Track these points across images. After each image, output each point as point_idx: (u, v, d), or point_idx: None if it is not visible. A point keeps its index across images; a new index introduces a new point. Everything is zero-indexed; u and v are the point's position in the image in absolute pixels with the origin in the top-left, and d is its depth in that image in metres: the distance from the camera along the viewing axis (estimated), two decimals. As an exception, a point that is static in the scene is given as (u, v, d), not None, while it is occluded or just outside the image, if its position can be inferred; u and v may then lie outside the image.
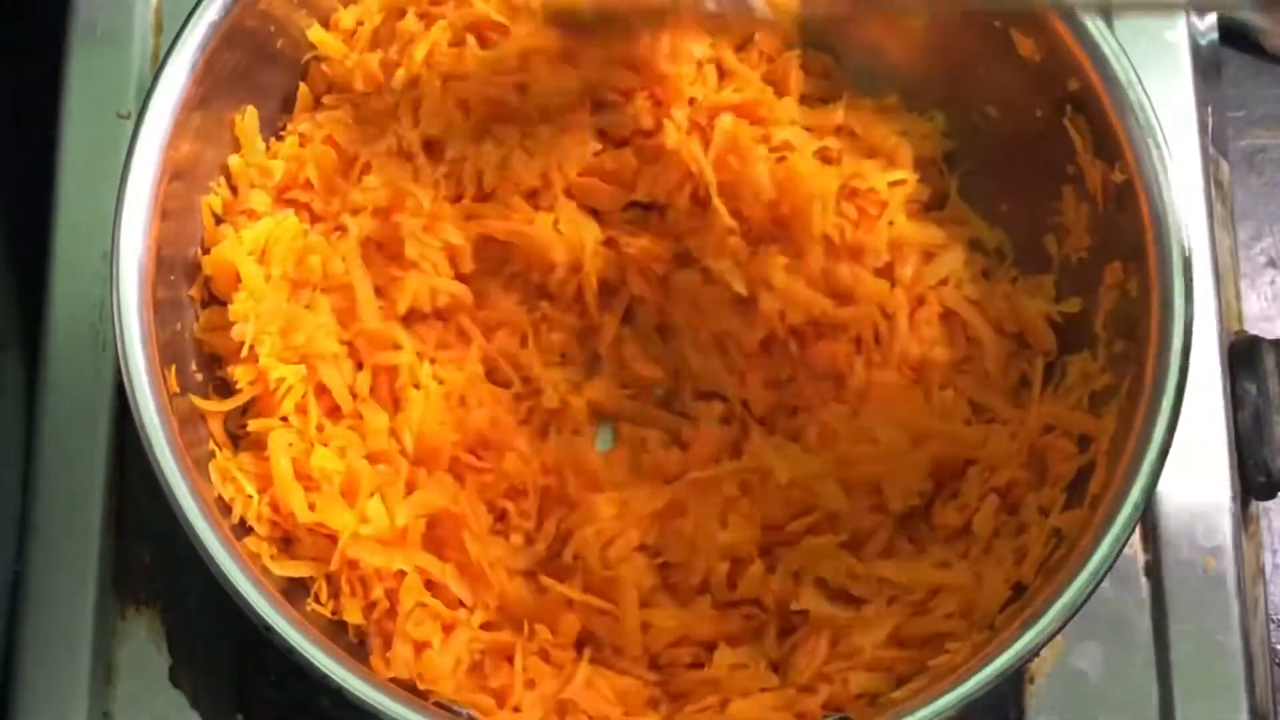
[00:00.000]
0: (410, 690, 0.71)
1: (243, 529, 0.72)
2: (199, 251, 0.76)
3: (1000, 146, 0.81)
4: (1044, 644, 0.67)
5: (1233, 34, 0.98)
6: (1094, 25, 0.73)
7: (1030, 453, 0.75)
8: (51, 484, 0.79)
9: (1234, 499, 0.80)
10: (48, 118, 0.84)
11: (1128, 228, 0.73)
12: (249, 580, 0.67)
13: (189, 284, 0.75)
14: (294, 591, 0.72)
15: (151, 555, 0.79)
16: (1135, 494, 0.68)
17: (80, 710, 0.77)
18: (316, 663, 0.66)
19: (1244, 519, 0.81)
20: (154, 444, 0.68)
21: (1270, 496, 0.81)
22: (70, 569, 0.78)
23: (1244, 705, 0.78)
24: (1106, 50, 0.73)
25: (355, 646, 0.73)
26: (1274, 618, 0.89)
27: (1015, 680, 0.78)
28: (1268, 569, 0.87)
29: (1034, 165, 0.79)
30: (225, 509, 0.71)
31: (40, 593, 0.78)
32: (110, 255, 0.69)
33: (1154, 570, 0.80)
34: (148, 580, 0.79)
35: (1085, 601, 0.67)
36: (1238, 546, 0.80)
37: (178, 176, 0.72)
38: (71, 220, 0.82)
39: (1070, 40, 0.74)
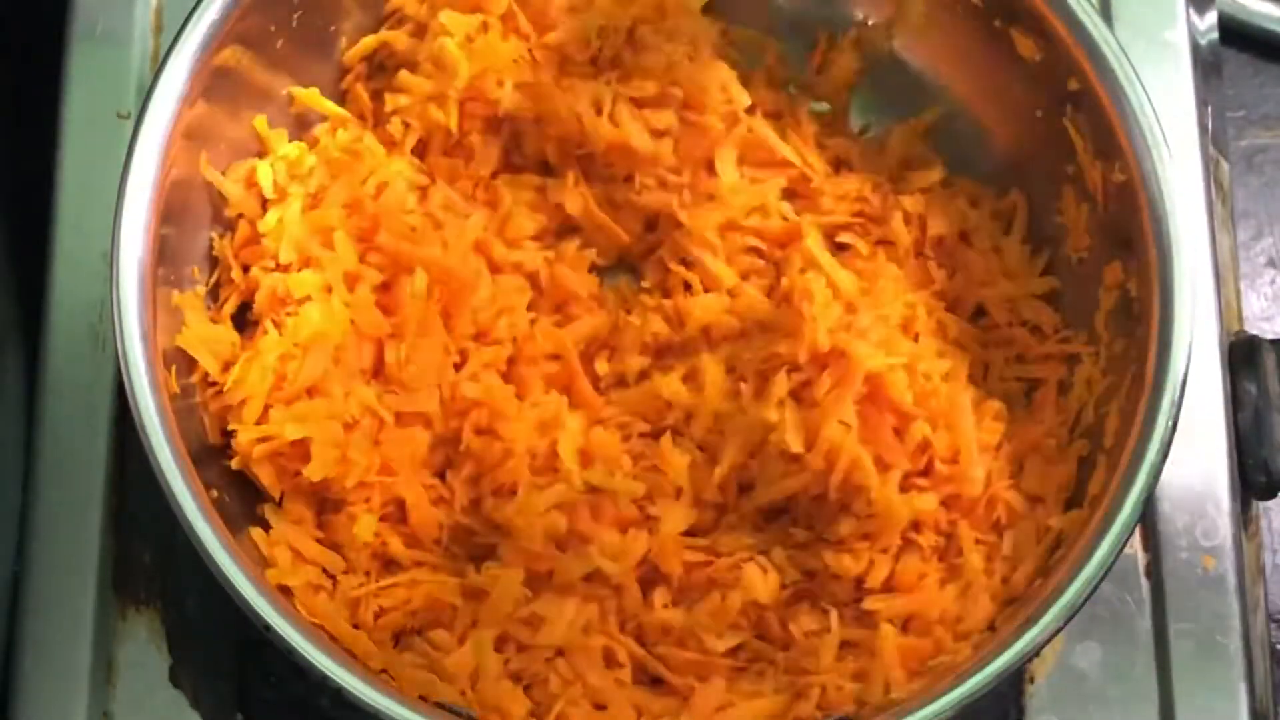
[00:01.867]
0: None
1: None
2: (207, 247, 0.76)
3: (1000, 146, 0.81)
4: (1044, 644, 0.67)
5: (1233, 34, 0.98)
6: (1094, 25, 0.73)
7: None
8: (51, 484, 0.79)
9: (1234, 499, 0.80)
10: (48, 118, 0.84)
11: (1127, 227, 0.73)
12: (249, 580, 0.67)
13: (190, 284, 0.75)
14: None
15: (151, 555, 0.79)
16: (1135, 494, 0.68)
17: (80, 710, 0.77)
18: (316, 663, 0.66)
19: (1244, 519, 0.81)
20: (154, 444, 0.68)
21: (1270, 496, 0.81)
22: (70, 569, 0.78)
23: (1244, 705, 0.78)
24: (1106, 50, 0.73)
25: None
26: (1274, 618, 0.89)
27: (1015, 680, 0.78)
28: (1268, 569, 0.87)
29: (1034, 165, 0.79)
30: (223, 506, 0.71)
31: (40, 593, 0.78)
32: (110, 255, 0.69)
33: (1154, 570, 0.80)
34: (148, 580, 0.79)
35: (1085, 601, 0.67)
36: (1238, 546, 0.80)
37: (178, 176, 0.72)
38: (71, 220, 0.82)
39: (1070, 40, 0.74)
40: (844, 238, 0.81)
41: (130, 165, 0.70)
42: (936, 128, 0.83)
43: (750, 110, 0.81)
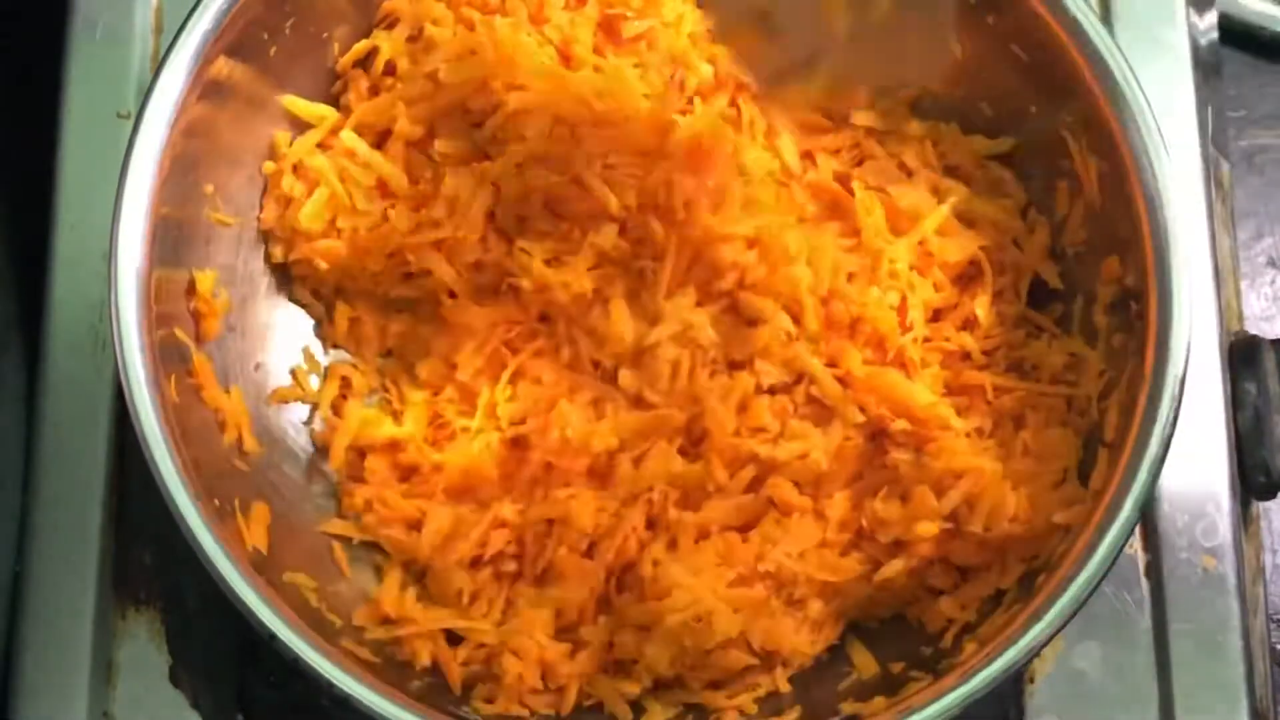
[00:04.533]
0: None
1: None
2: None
3: (993, 141, 0.81)
4: (1044, 644, 0.67)
5: (1233, 34, 0.98)
6: (1091, 25, 0.73)
7: None
8: (51, 484, 0.79)
9: (1234, 499, 0.80)
10: (48, 118, 0.84)
11: (1123, 224, 0.73)
12: (251, 587, 0.67)
13: (190, 289, 0.75)
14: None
15: (151, 555, 0.79)
16: (1137, 488, 0.68)
17: (80, 710, 0.77)
18: (322, 670, 0.67)
19: (1244, 519, 0.81)
20: (155, 453, 0.68)
21: (1270, 496, 0.81)
22: (70, 569, 0.78)
23: (1244, 705, 0.78)
24: (1101, 48, 0.73)
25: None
26: (1274, 618, 0.89)
27: (1015, 680, 0.78)
28: (1268, 569, 0.87)
29: (1028, 160, 0.79)
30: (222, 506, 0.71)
31: (40, 593, 0.78)
32: (109, 265, 0.69)
33: (1154, 570, 0.80)
34: (148, 580, 0.79)
35: (1087, 599, 0.67)
36: (1238, 546, 0.80)
37: (177, 178, 0.72)
38: (71, 220, 0.82)
39: (1066, 38, 0.74)
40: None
41: (128, 166, 0.70)
42: (930, 121, 0.83)
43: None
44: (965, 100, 0.81)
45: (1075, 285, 0.78)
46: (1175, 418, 0.69)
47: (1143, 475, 0.68)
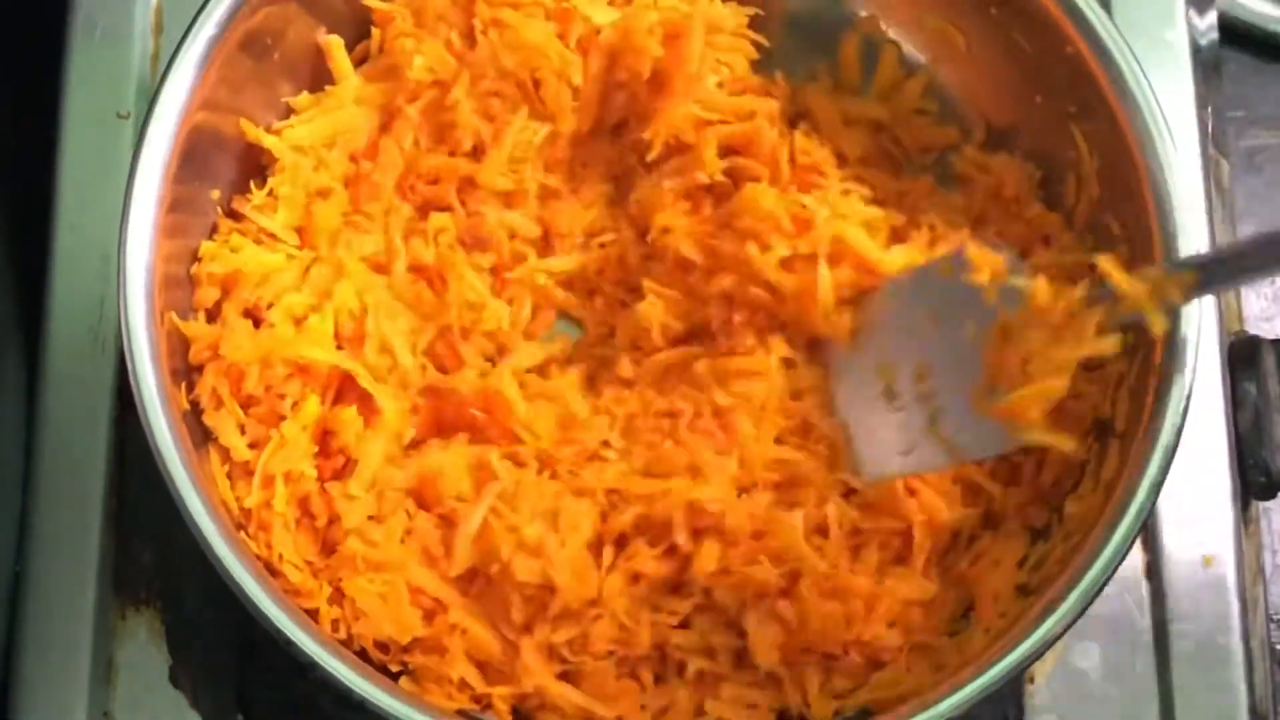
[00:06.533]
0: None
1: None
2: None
3: (998, 133, 0.81)
4: (1052, 642, 0.67)
5: (1233, 34, 0.98)
6: (1098, 21, 0.73)
7: None
8: (51, 484, 0.79)
9: (1234, 499, 0.81)
10: (48, 118, 0.84)
11: (1128, 214, 0.73)
12: (265, 592, 0.67)
13: (195, 291, 0.75)
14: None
15: (151, 555, 0.79)
16: (1150, 477, 0.68)
17: (80, 710, 0.77)
18: (340, 675, 0.67)
19: (1244, 519, 0.81)
20: (166, 458, 0.68)
21: (1270, 496, 0.81)
22: (70, 569, 0.78)
23: (1244, 705, 0.78)
24: (1110, 43, 0.73)
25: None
26: (1274, 618, 0.89)
27: (1015, 680, 0.78)
28: (1268, 569, 0.87)
29: (1033, 150, 0.79)
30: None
31: (40, 593, 0.78)
32: (118, 266, 0.69)
33: (1154, 570, 0.80)
34: (148, 580, 0.79)
35: (1102, 588, 0.67)
36: (1238, 546, 0.80)
37: (183, 177, 0.72)
38: (71, 220, 0.82)
39: (1073, 32, 0.74)
40: None
41: (134, 178, 0.70)
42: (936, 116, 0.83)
43: None
44: (981, 110, 0.82)
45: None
46: (1186, 406, 0.69)
47: (1156, 462, 0.68)
